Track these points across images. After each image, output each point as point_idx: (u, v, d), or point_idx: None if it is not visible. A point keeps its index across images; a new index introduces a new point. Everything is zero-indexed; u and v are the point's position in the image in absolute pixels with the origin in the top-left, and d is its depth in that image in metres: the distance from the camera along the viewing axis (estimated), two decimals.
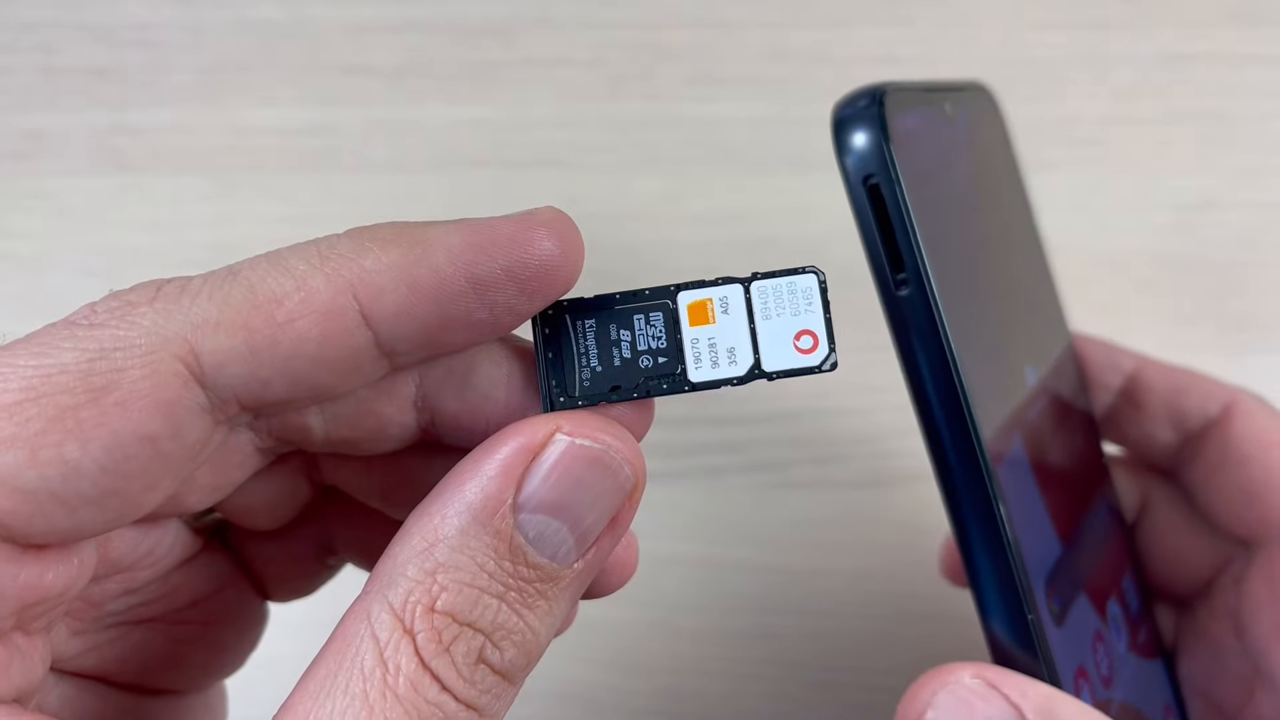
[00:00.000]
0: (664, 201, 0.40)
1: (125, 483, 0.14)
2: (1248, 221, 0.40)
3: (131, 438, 0.14)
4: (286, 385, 0.15)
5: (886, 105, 0.19)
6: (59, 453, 0.13)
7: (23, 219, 0.40)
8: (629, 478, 0.16)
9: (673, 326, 0.17)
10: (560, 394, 0.16)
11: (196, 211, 0.40)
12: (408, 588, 0.14)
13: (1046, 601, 0.21)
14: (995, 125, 0.26)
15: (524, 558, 0.15)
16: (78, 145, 0.41)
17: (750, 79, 0.42)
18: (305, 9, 0.42)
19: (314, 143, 0.41)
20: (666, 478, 0.37)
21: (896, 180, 0.18)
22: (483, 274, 0.15)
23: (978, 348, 0.20)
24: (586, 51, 0.42)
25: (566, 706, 0.34)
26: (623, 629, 0.35)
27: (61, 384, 0.13)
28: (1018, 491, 0.21)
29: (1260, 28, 0.42)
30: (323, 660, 0.14)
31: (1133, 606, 0.26)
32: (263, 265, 0.15)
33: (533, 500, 0.15)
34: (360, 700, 0.14)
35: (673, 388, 0.17)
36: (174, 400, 0.14)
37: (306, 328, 0.14)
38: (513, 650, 0.15)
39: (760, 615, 0.35)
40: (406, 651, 0.14)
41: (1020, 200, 0.27)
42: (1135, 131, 0.41)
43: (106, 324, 0.14)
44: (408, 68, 0.42)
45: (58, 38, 0.42)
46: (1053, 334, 0.26)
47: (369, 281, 0.15)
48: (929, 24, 0.42)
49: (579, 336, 0.17)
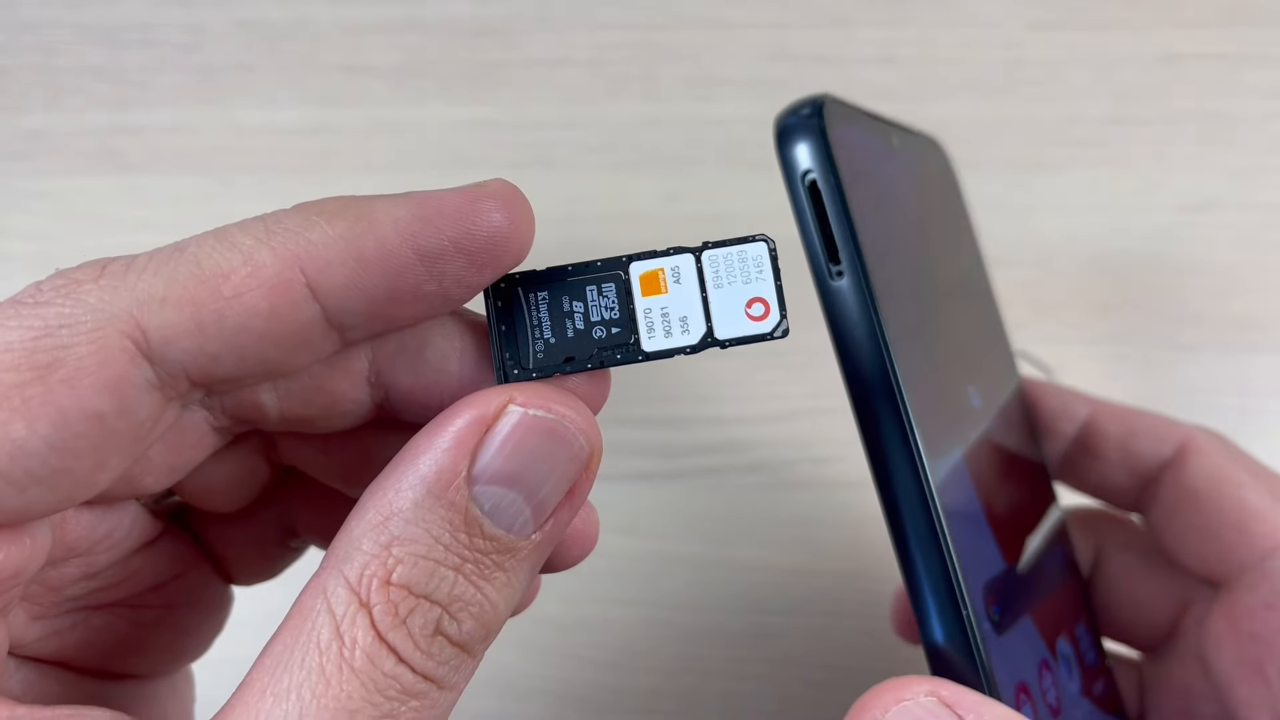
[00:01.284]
0: (664, 201, 0.40)
1: (74, 461, 0.14)
2: (1247, 222, 0.40)
3: (79, 415, 0.14)
4: (235, 360, 0.15)
5: (826, 112, 0.20)
6: (5, 431, 0.13)
7: (23, 219, 0.40)
8: (584, 447, 0.16)
9: (625, 297, 0.17)
10: (514, 366, 0.16)
11: (197, 211, 0.40)
12: (363, 561, 0.14)
13: (985, 606, 0.20)
14: (946, 176, 0.27)
15: (480, 529, 0.15)
16: (78, 145, 0.41)
17: (750, 79, 0.42)
18: (305, 9, 0.42)
19: (314, 143, 0.41)
20: (666, 478, 0.37)
21: (834, 173, 0.19)
22: (430, 246, 0.15)
23: (915, 347, 0.20)
24: (586, 52, 0.42)
25: (565, 706, 0.34)
26: (622, 628, 0.35)
27: (6, 362, 0.13)
28: (955, 493, 0.20)
29: (1260, 28, 0.42)
30: (280, 636, 0.14)
31: (1088, 656, 0.25)
32: (209, 241, 0.15)
33: (487, 472, 0.15)
34: (317, 674, 0.14)
35: (626, 358, 0.17)
36: (121, 377, 0.14)
37: (254, 302, 0.14)
38: (470, 622, 0.15)
39: (759, 615, 0.35)
40: (363, 625, 0.14)
41: (971, 250, 0.27)
42: (1135, 132, 0.41)
43: (52, 302, 0.14)
44: (407, 68, 0.42)
45: (58, 38, 0.42)
46: (1000, 372, 0.26)
47: (316, 255, 0.15)
48: (929, 24, 0.42)
49: (532, 309, 0.16)
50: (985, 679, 0.19)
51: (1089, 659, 0.25)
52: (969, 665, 0.19)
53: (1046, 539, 0.25)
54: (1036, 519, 0.25)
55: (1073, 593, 0.26)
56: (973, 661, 0.19)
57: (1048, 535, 0.25)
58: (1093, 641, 0.26)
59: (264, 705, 0.13)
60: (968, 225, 0.27)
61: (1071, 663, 0.24)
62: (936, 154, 0.27)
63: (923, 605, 0.20)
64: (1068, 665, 0.24)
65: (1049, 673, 0.22)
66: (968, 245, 0.27)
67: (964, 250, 0.27)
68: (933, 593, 0.20)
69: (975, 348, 0.25)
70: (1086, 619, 0.26)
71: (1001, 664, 0.20)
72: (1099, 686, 0.25)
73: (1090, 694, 0.25)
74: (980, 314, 0.26)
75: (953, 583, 0.19)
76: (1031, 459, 0.27)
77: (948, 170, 0.27)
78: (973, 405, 0.23)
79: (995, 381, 0.25)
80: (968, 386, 0.23)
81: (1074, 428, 0.27)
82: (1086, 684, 0.25)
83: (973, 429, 0.22)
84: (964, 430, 0.22)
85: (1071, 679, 0.24)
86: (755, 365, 0.38)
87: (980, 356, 0.25)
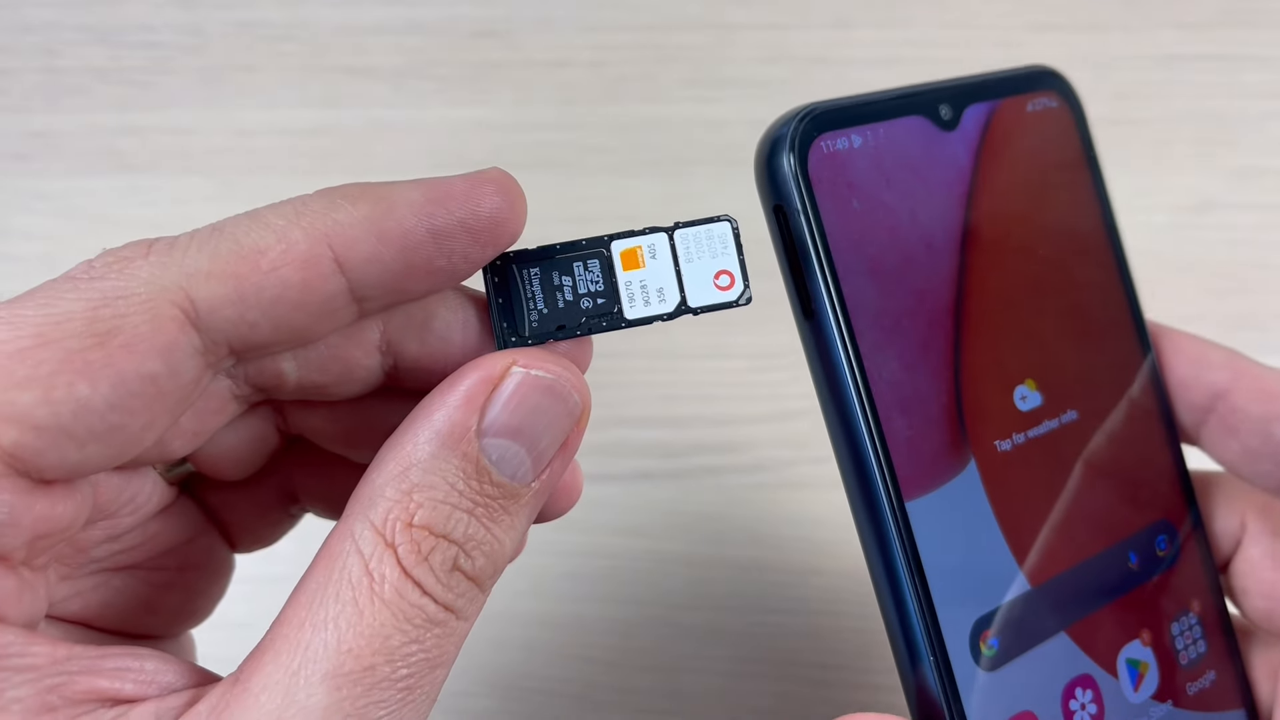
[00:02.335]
0: (664, 202, 0.40)
1: (129, 419, 0.15)
2: (1246, 222, 0.40)
3: (135, 377, 0.15)
4: (271, 328, 0.16)
5: (802, 133, 0.20)
6: (70, 391, 0.15)
7: (25, 219, 0.40)
8: (577, 404, 0.18)
9: (608, 271, 0.19)
10: (511, 334, 0.18)
11: (198, 212, 0.40)
12: (387, 507, 0.16)
13: (975, 643, 0.20)
14: (1053, 130, 0.24)
15: (489, 477, 0.16)
16: (80, 146, 0.41)
17: (750, 80, 0.42)
18: (306, 11, 0.42)
19: (315, 144, 0.41)
20: (666, 478, 0.37)
21: (806, 210, 0.19)
22: (441, 225, 0.17)
23: (905, 373, 0.20)
24: (586, 53, 0.42)
25: (565, 705, 0.34)
26: (621, 628, 0.35)
27: (69, 330, 0.15)
28: (946, 525, 0.20)
29: (1258, 29, 0.42)
30: (312, 575, 0.16)
31: (1189, 652, 0.23)
32: (244, 222, 0.16)
33: (494, 425, 0.17)
34: (351, 606, 0.15)
35: (611, 324, 0.18)
36: (172, 343, 0.15)
37: (288, 275, 0.16)
38: (482, 559, 0.16)
39: (759, 614, 0.35)
40: (389, 562, 0.15)
41: (1074, 214, 0.24)
42: (1134, 132, 0.41)
43: (105, 276, 0.15)
44: (408, 69, 0.42)
45: (60, 39, 0.42)
46: (1099, 354, 0.24)
47: (341, 233, 0.16)
48: (929, 25, 0.42)
49: (525, 283, 0.18)
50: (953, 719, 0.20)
51: (1191, 654, 0.24)
52: (937, 707, 0.20)
53: (1140, 533, 0.23)
54: (1120, 519, 0.23)
55: (1178, 582, 0.24)
56: (940, 704, 0.20)
57: (1142, 528, 0.23)
58: (1205, 632, 0.24)
59: (304, 635, 0.15)
60: (1081, 183, 0.24)
61: (1145, 668, 0.23)
62: (1045, 105, 0.24)
63: (893, 646, 0.20)
64: (1133, 673, 0.22)
65: (1090, 688, 0.22)
66: (1068, 211, 0.24)
67: (1055, 219, 0.24)
68: (900, 639, 0.20)
69: (1047, 337, 0.23)
70: (1202, 606, 0.24)
71: (988, 700, 0.20)
72: (1204, 681, 0.24)
73: (1178, 694, 0.23)
74: (1068, 293, 0.24)
75: (915, 633, 0.20)
76: (1144, 442, 0.24)
77: (1061, 121, 0.24)
78: (1018, 409, 0.22)
79: (1084, 368, 0.23)
80: (1018, 387, 0.22)
81: (1207, 398, 0.24)
82: (1173, 685, 0.23)
83: (1010, 437, 0.21)
84: (990, 442, 0.21)
85: (1138, 687, 0.22)
86: (755, 365, 0.38)
87: (1055, 345, 0.23)
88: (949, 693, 0.20)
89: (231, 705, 0.15)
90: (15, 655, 0.15)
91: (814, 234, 0.19)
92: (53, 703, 0.15)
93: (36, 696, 0.15)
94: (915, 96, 0.21)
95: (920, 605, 0.20)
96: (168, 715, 0.15)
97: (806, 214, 0.19)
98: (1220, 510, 0.25)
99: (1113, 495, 0.23)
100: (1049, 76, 0.24)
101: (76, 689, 0.15)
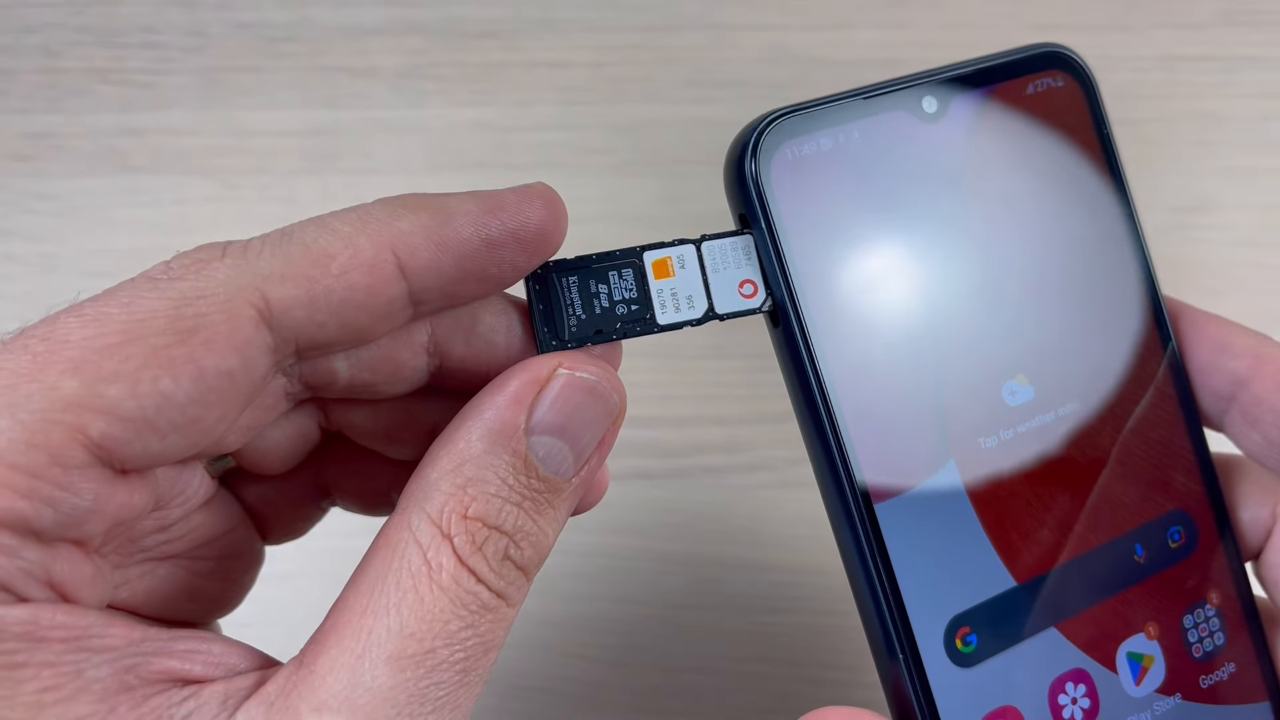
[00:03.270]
0: (664, 203, 0.40)
1: (205, 412, 0.16)
2: (1244, 222, 0.40)
3: (214, 372, 0.16)
4: (337, 328, 0.17)
5: (764, 141, 0.20)
6: (155, 386, 0.15)
7: (27, 220, 0.40)
8: (616, 404, 0.19)
9: (641, 280, 0.20)
10: (552, 338, 0.19)
11: (199, 213, 0.40)
12: (442, 500, 0.17)
13: (950, 640, 0.20)
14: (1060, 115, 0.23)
15: (535, 472, 0.18)
16: (81, 147, 0.41)
17: (750, 81, 0.42)
18: (307, 11, 0.42)
19: (316, 144, 0.41)
20: (666, 478, 0.37)
21: (768, 219, 0.20)
22: (494, 235, 0.18)
23: (888, 374, 0.20)
24: (587, 54, 0.42)
25: (565, 705, 0.34)
26: (622, 627, 0.35)
27: (154, 327, 0.16)
28: (926, 525, 0.20)
29: (1256, 30, 0.42)
30: (371, 564, 0.17)
31: (1203, 645, 0.23)
32: (311, 228, 0.17)
33: (541, 424, 0.18)
34: (411, 593, 0.16)
35: (645, 329, 0.20)
36: (248, 340, 0.16)
37: (356, 279, 0.17)
38: (530, 549, 0.18)
39: (758, 614, 0.35)
40: (446, 552, 0.17)
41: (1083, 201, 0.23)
42: (1132, 133, 0.41)
43: (184, 277, 0.16)
44: (409, 70, 0.42)
45: (61, 40, 0.42)
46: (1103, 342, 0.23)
47: (404, 241, 0.17)
48: (928, 25, 0.42)
49: (564, 291, 0.20)
50: (925, 716, 0.20)
51: (1207, 646, 0.23)
52: (909, 703, 0.20)
53: (1149, 524, 0.23)
54: (1131, 506, 0.23)
55: (1193, 574, 0.23)
56: (912, 700, 0.20)
57: (1152, 520, 0.23)
58: (1225, 624, 0.23)
59: (366, 621, 0.16)
60: (1092, 162, 0.23)
61: (1149, 662, 0.22)
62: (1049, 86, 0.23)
63: (870, 643, 0.21)
64: (1135, 667, 0.22)
65: (1083, 683, 0.22)
66: (1076, 193, 0.23)
67: (1060, 203, 0.23)
68: (872, 636, 0.21)
69: (1043, 330, 0.22)
70: (1223, 598, 0.23)
71: (965, 695, 0.20)
72: (1222, 673, 0.23)
73: (1189, 687, 0.23)
74: (1074, 281, 0.23)
75: (886, 630, 0.20)
76: (1158, 432, 0.23)
77: (1068, 100, 0.23)
78: (1006, 405, 0.22)
79: (1089, 359, 0.23)
80: (1007, 383, 0.22)
81: (1229, 386, 0.23)
82: (1184, 677, 0.23)
83: (996, 434, 0.21)
84: (972, 440, 0.21)
85: (1140, 681, 0.22)
86: (755, 365, 0.38)
87: (1053, 338, 0.22)
88: (919, 688, 0.20)
89: (299, 687, 0.16)
90: (95, 636, 0.15)
91: (774, 243, 0.20)
92: (130, 682, 0.15)
93: (115, 676, 0.15)
94: (894, 93, 0.21)
95: (889, 603, 0.20)
96: (236, 696, 0.16)
97: (768, 223, 0.20)
98: (1249, 500, 0.24)
99: (1117, 488, 0.23)
100: (1053, 56, 0.23)
101: (151, 670, 0.16)
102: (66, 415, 0.15)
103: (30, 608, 0.15)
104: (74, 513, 0.15)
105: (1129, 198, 0.23)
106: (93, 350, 0.15)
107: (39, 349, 0.15)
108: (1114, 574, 0.22)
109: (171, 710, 0.15)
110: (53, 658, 0.15)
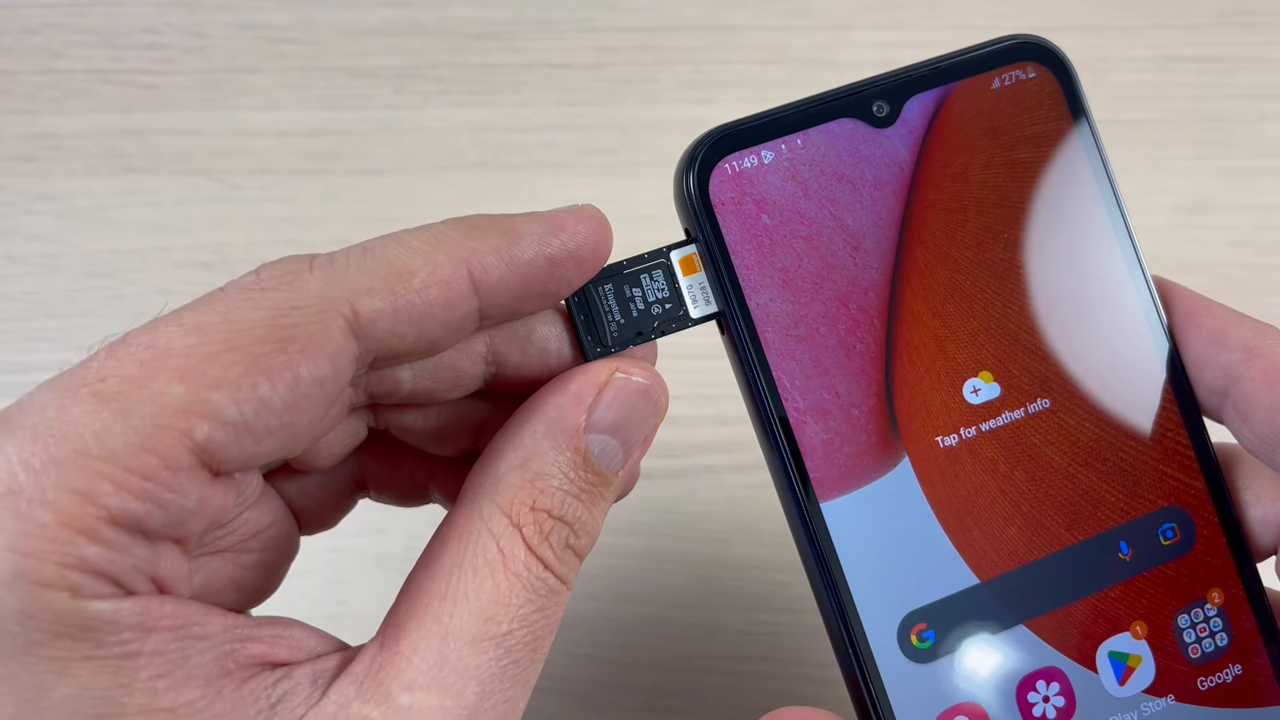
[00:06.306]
0: (664, 203, 0.40)
1: (298, 417, 0.17)
2: (1243, 223, 0.40)
3: (308, 379, 0.17)
4: (415, 339, 0.18)
5: (702, 157, 0.21)
6: (255, 392, 0.16)
7: (29, 220, 0.40)
8: (663, 405, 0.20)
9: (671, 278, 0.21)
10: (596, 344, 0.21)
11: (200, 213, 0.40)
12: (511, 493, 0.18)
13: (905, 636, 0.21)
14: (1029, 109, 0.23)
15: (593, 467, 0.19)
16: (83, 148, 0.41)
17: (750, 81, 0.42)
18: (308, 12, 0.43)
19: (317, 145, 0.41)
20: (666, 477, 0.37)
21: (705, 232, 0.21)
22: (555, 253, 0.19)
23: (836, 378, 0.21)
24: (587, 54, 0.42)
25: (565, 704, 0.34)
26: (622, 626, 0.35)
27: (253, 336, 0.16)
28: (877, 523, 0.21)
29: (1255, 30, 0.42)
30: (445, 551, 0.18)
31: (1202, 645, 0.23)
32: (391, 245, 0.18)
33: (599, 423, 0.19)
34: (488, 579, 0.18)
35: (680, 325, 0.21)
36: (339, 349, 0.17)
37: (435, 294, 0.18)
38: (585, 538, 0.19)
39: (759, 614, 0.35)
40: (517, 541, 0.18)
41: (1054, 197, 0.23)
42: (1131, 133, 0.41)
43: (276, 288, 0.17)
44: (409, 70, 0.42)
45: (62, 41, 0.42)
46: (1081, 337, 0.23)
47: (477, 259, 0.18)
48: (927, 26, 0.43)
49: (601, 299, 0.21)
50: (876, 711, 0.21)
51: (1206, 647, 0.23)
52: (862, 697, 0.21)
53: (1136, 521, 0.22)
54: (1115, 502, 0.22)
55: (1190, 572, 0.23)
56: (864, 693, 0.21)
57: (1140, 516, 0.22)
58: (1230, 624, 0.23)
59: (447, 605, 0.17)
60: (1069, 152, 0.23)
61: (1135, 662, 0.22)
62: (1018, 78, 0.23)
63: (829, 637, 0.21)
64: (1118, 666, 0.22)
65: (1057, 681, 0.22)
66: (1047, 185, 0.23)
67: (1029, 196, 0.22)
68: (828, 632, 0.21)
69: (1012, 327, 0.22)
70: (1227, 597, 0.23)
71: (920, 691, 0.21)
72: (1224, 675, 0.23)
73: (1184, 689, 0.22)
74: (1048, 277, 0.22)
75: (835, 623, 0.21)
76: (1147, 427, 0.23)
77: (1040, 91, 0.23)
78: (968, 403, 0.22)
79: (1066, 353, 0.22)
80: (969, 380, 0.22)
81: (1222, 380, 0.22)
82: (1177, 679, 0.22)
83: (956, 432, 0.22)
84: (928, 439, 0.21)
85: (1124, 681, 0.22)
86: None
87: (1024, 334, 0.22)
88: (870, 682, 0.21)
89: (386, 667, 0.17)
90: (196, 625, 0.16)
91: (714, 256, 0.21)
92: (229, 667, 0.17)
93: (216, 662, 0.16)
94: (841, 100, 0.21)
95: (836, 599, 0.21)
96: (324, 676, 0.17)
97: (706, 236, 0.21)
98: (1257, 495, 0.23)
99: (1097, 485, 0.22)
100: (1022, 47, 0.23)
101: (245, 655, 0.17)
102: (175, 420, 0.16)
103: (141, 600, 0.16)
104: (180, 514, 0.16)
105: (1114, 186, 0.23)
106: (197, 358, 0.16)
107: (145, 356, 0.16)
108: (1093, 572, 0.22)
109: (268, 691, 0.17)
110: (162, 646, 0.16)
